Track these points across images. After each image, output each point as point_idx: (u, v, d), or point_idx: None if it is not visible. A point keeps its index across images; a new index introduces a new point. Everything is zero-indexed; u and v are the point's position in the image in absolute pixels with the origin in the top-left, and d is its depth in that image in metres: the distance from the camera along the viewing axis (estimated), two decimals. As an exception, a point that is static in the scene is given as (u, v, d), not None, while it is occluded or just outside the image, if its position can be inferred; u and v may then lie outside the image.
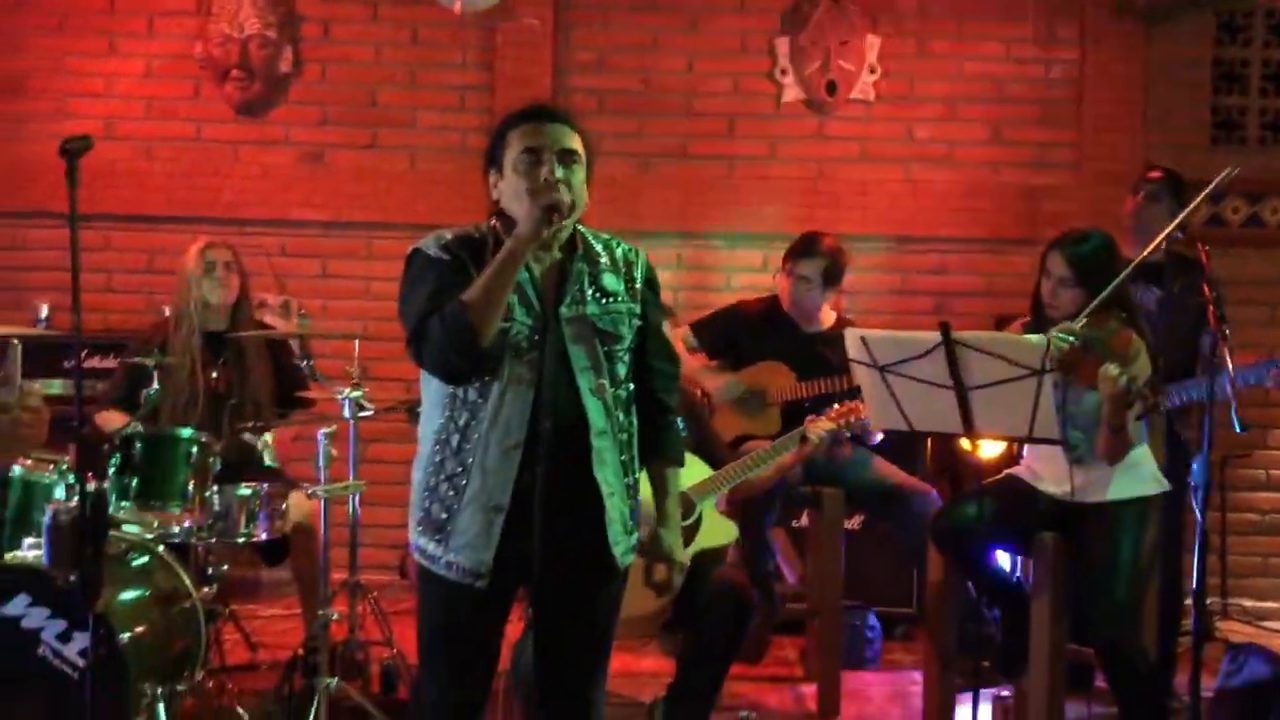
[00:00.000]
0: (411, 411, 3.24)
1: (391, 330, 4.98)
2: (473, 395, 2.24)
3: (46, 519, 2.91)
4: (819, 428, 3.51)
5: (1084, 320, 3.13)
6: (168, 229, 5.32)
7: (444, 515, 2.26)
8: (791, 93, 5.34)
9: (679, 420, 3.37)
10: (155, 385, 3.51)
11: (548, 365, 2.24)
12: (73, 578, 2.84)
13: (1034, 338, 2.91)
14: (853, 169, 5.34)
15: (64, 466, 3.26)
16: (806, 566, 4.35)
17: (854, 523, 4.56)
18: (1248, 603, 5.26)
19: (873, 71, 5.31)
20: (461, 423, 2.24)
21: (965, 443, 3.13)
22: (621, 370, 2.34)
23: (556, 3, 5.32)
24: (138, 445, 3.31)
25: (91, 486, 2.37)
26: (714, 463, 3.44)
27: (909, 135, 5.35)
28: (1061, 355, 3.00)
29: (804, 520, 4.43)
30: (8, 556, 3.19)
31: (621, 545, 2.34)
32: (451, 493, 2.25)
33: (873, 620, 4.43)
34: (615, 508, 2.30)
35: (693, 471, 3.36)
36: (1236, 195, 5.30)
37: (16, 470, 3.30)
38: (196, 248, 4.01)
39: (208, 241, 4.05)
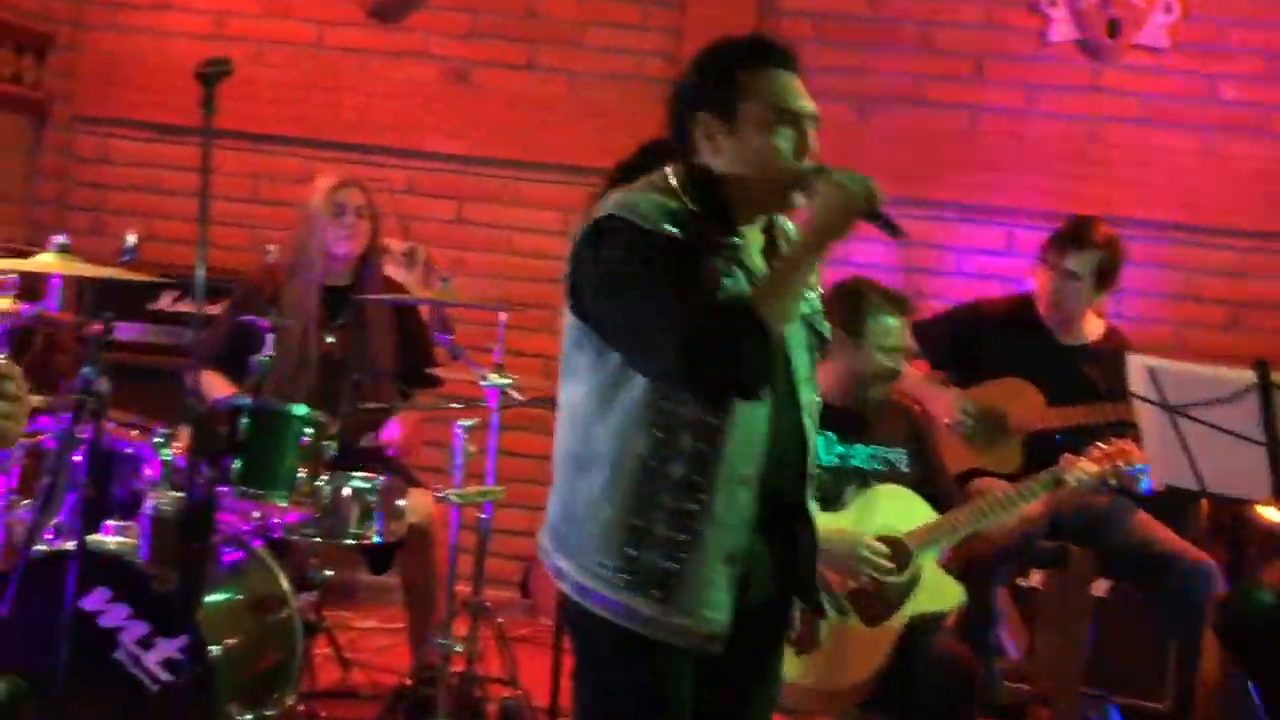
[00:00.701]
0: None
1: (537, 294, 5.24)
2: (697, 413, 2.19)
3: (147, 508, 3.07)
4: (1080, 471, 3.45)
5: None
6: (276, 150, 5.53)
7: (670, 565, 2.20)
8: (1061, 30, 5.24)
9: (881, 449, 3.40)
10: (269, 349, 3.64)
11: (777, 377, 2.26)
12: (172, 579, 2.99)
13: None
14: (1133, 133, 5.23)
15: (162, 438, 3.43)
16: (1035, 639, 4.30)
17: (1100, 588, 4.47)
18: None
19: (1169, 10, 5.17)
20: (686, 448, 2.20)
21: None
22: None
23: (770, -100, 5.34)
24: (244, 420, 3.46)
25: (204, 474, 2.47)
26: (940, 503, 3.43)
27: (1211, 94, 5.20)
28: None
29: (1033, 579, 4.37)
30: (88, 540, 3.36)
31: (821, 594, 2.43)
32: (682, 537, 2.20)
33: (1115, 715, 4.37)
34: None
35: (912, 513, 3.36)
36: None
37: (97, 432, 3.47)
38: (326, 185, 4.15)
39: (340, 179, 4.19)
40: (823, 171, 2.27)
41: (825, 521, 3.25)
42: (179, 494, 3.17)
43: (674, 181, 2.25)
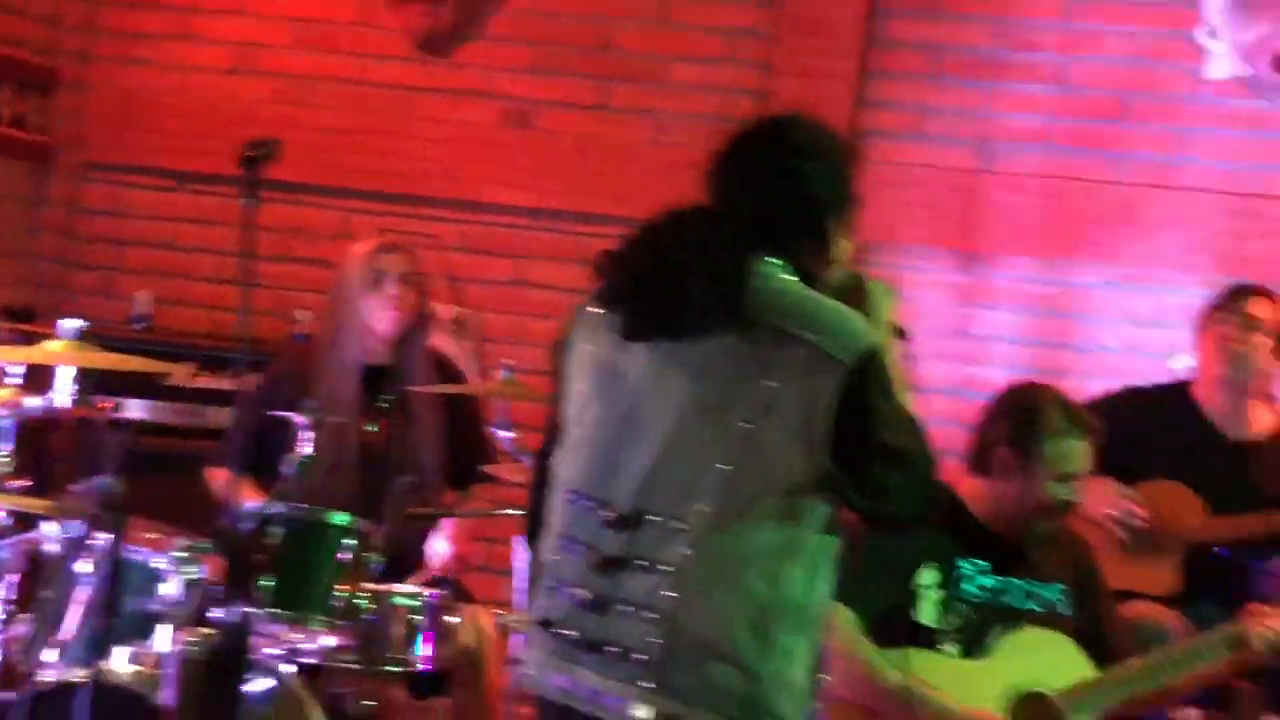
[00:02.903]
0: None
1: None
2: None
3: (174, 650, 3.11)
4: (1264, 629, 3.37)
5: None
6: (312, 202, 5.62)
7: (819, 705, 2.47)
8: (1221, 66, 5.22)
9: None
10: (306, 448, 3.67)
11: None
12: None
13: None
14: (1309, 185, 5.19)
15: (187, 552, 3.46)
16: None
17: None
18: None
19: (1349, 41, 5.14)
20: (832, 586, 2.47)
21: None
22: None
23: (876, -83, 5.38)
24: (276, 532, 3.50)
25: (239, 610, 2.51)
26: (1102, 653, 3.38)
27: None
28: None
29: (1189, 714, 4.32)
30: (98, 668, 3.41)
31: None
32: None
33: None
34: None
35: (1067, 666, 3.32)
36: None
37: (109, 542, 3.52)
38: (364, 250, 4.19)
39: (380, 241, 4.23)
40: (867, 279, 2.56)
41: (961, 673, 3.26)
42: (209, 630, 3.20)
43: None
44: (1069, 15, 5.33)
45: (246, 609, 3.12)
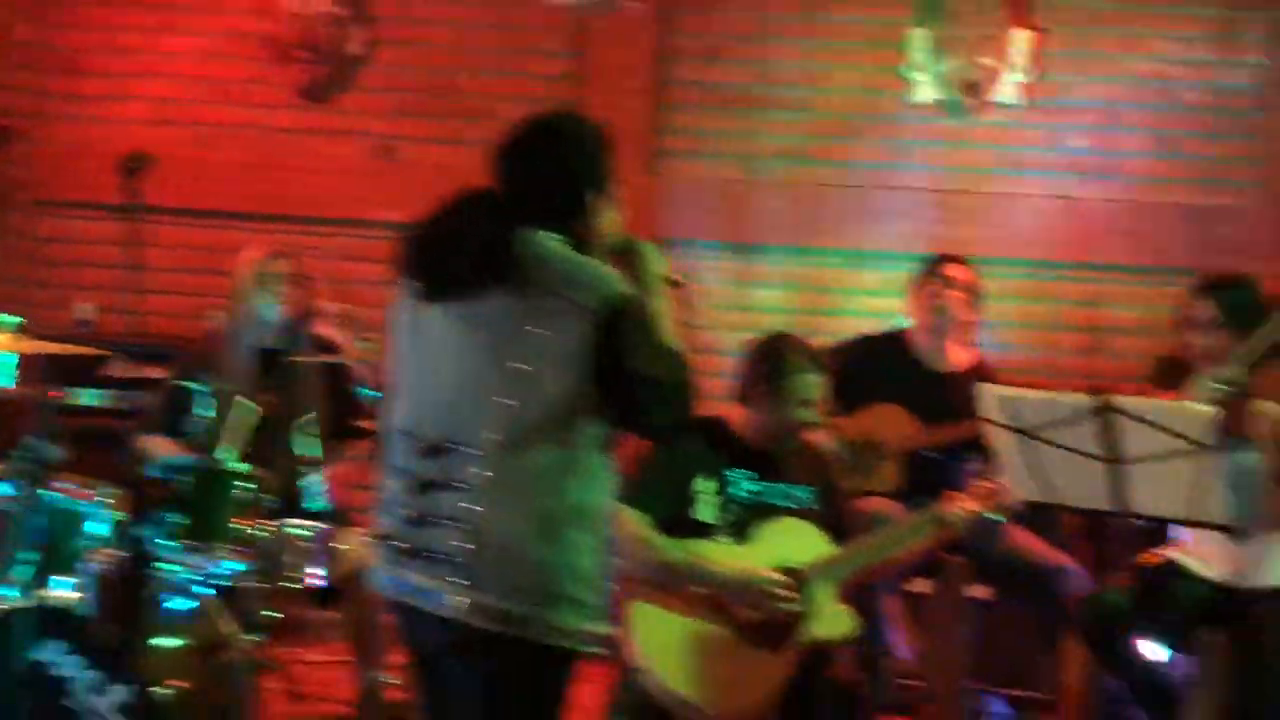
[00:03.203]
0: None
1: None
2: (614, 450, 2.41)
3: (90, 567, 3.00)
4: (958, 510, 3.41)
5: (1236, 368, 3.10)
6: (225, 225, 5.46)
7: (613, 588, 2.42)
8: (925, 91, 5.30)
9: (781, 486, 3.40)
10: (208, 410, 3.59)
11: None
12: (114, 630, 2.93)
13: (1203, 407, 2.86)
14: (993, 181, 5.29)
15: (107, 497, 3.36)
16: (922, 640, 4.30)
17: (983, 590, 4.49)
18: None
19: (1020, 71, 5.24)
20: (615, 483, 2.42)
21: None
22: None
23: (661, -18, 5.38)
24: (185, 479, 3.40)
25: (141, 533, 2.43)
26: (843, 536, 3.41)
27: (1060, 144, 5.28)
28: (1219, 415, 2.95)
29: (920, 586, 4.37)
30: (40, 595, 3.29)
31: None
32: (615, 561, 2.42)
33: (1000, 706, 4.37)
34: None
35: (812, 545, 3.35)
36: None
37: (46, 494, 3.41)
38: (254, 256, 4.10)
39: (268, 250, 4.14)
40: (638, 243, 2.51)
41: (731, 553, 3.29)
42: (121, 552, 3.11)
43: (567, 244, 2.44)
44: (809, 56, 5.38)
45: (150, 534, 3.01)
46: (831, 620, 3.31)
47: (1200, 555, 3.35)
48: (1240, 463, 3.14)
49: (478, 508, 2.31)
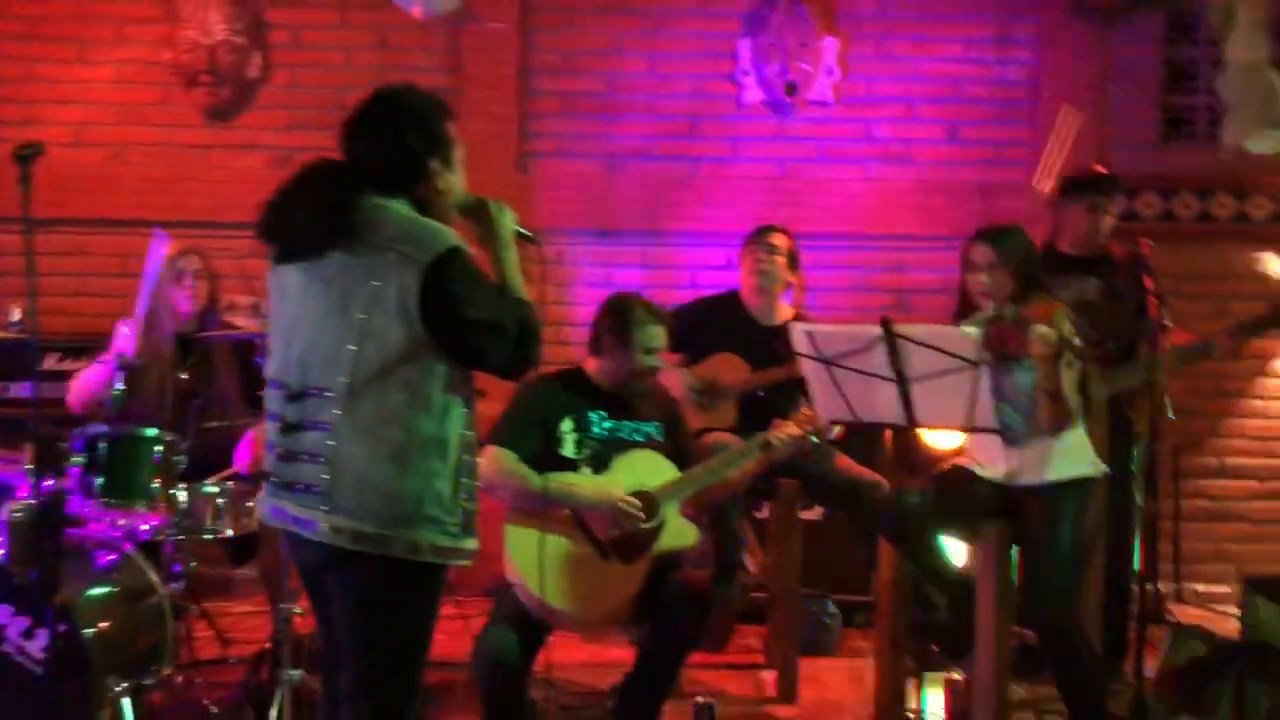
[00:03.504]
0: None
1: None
2: (471, 387, 2.39)
3: (3, 516, 2.94)
4: (781, 434, 3.50)
5: (1010, 307, 3.23)
6: (140, 232, 5.29)
7: (474, 508, 2.38)
8: (752, 94, 5.39)
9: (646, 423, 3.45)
10: (120, 385, 3.54)
11: None
12: (31, 574, 2.87)
13: (970, 329, 2.98)
14: (813, 169, 5.40)
15: (31, 467, 3.29)
16: (767, 556, 4.41)
17: (815, 513, 4.61)
18: (1200, 587, 5.33)
19: (831, 73, 5.37)
20: (472, 416, 2.38)
21: (922, 433, 3.19)
22: None
23: (522, 6, 5.37)
24: (103, 445, 3.34)
25: (49, 484, 2.39)
26: (687, 463, 3.47)
27: (867, 135, 5.42)
28: (988, 336, 3.08)
29: (765, 511, 4.48)
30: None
31: None
32: (474, 484, 2.38)
33: (832, 608, 4.49)
34: None
35: (660, 472, 3.40)
36: (1187, 191, 5.39)
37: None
38: (170, 254, 4.06)
39: (177, 249, 4.10)
40: (487, 201, 2.48)
41: (591, 480, 3.33)
42: (29, 501, 3.04)
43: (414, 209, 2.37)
44: (654, 66, 5.43)
45: (59, 485, 2.96)
46: (678, 533, 3.37)
47: (982, 460, 3.47)
48: (1018, 384, 3.28)
49: (332, 443, 2.29)
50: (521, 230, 2.52)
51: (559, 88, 5.42)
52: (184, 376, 4.00)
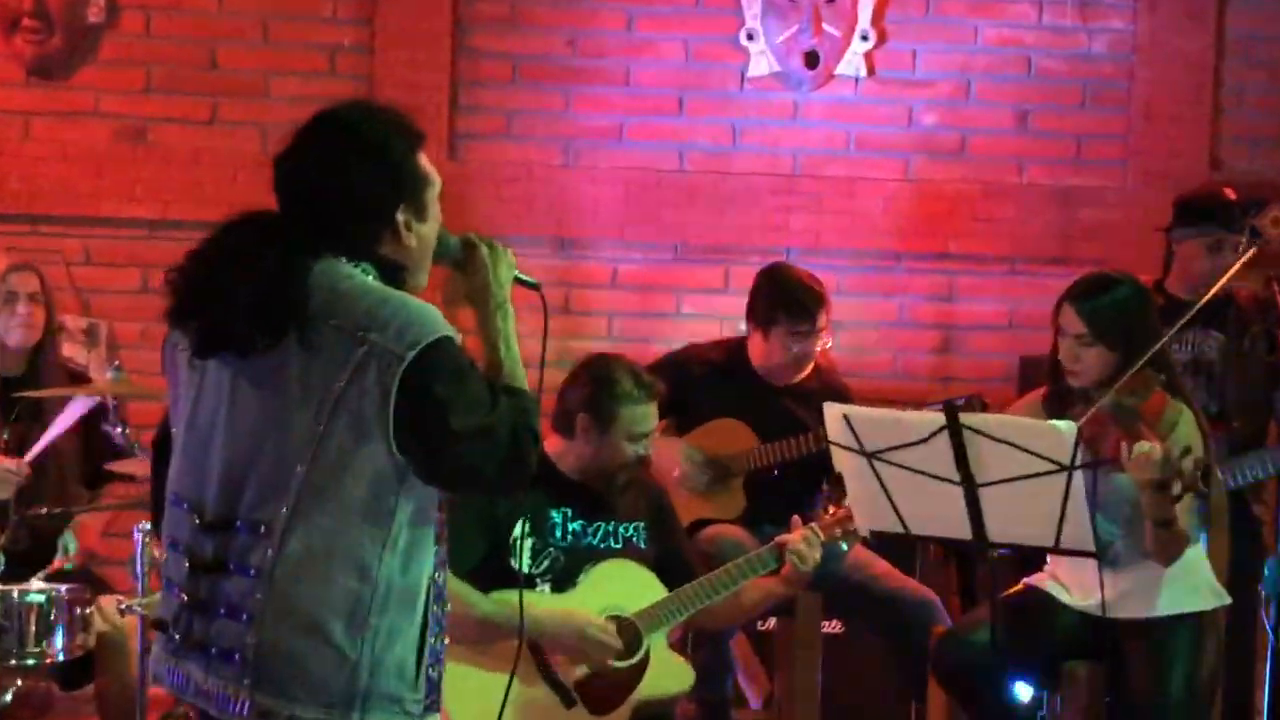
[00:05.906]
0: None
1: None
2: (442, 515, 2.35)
3: None
4: (803, 544, 3.45)
5: (1109, 395, 3.25)
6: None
7: (439, 674, 2.37)
8: (761, 64, 5.42)
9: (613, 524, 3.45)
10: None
11: None
12: None
13: (1061, 424, 3.01)
14: (838, 163, 5.44)
15: None
16: (774, 685, 4.43)
17: (834, 626, 4.63)
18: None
19: (865, 39, 5.41)
20: (444, 554, 2.36)
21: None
22: None
23: (459, -63, 5.38)
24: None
25: None
26: (679, 575, 3.48)
27: (911, 121, 5.46)
28: (1081, 432, 3.11)
29: (770, 624, 4.50)
30: None
31: None
32: (444, 645, 2.37)
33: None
34: None
35: (642, 590, 3.41)
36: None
37: None
38: (-10, 271, 4.02)
39: (9, 264, 4.06)
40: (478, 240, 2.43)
41: (553, 602, 3.33)
42: None
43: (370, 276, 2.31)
44: (631, 24, 5.44)
45: None
46: (667, 674, 3.39)
47: (1067, 583, 3.51)
48: (1117, 489, 3.32)
49: (261, 596, 2.20)
50: (523, 277, 2.46)
51: (505, 48, 5.41)
52: (4, 438, 3.95)
